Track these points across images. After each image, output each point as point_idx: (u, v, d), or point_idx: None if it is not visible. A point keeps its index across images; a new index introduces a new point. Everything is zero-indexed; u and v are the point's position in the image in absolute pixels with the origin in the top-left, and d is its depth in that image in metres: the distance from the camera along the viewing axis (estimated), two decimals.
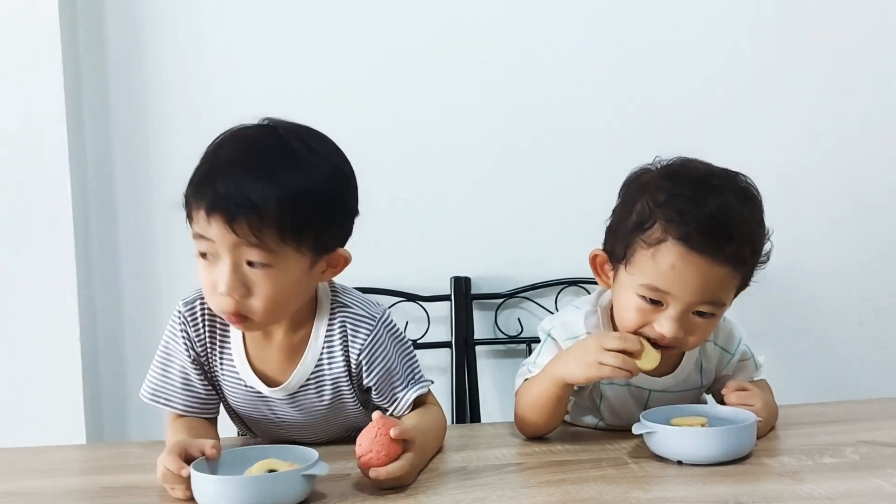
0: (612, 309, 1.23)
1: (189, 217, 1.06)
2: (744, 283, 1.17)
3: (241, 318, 1.05)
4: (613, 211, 1.21)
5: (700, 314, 1.12)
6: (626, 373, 1.08)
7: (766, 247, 1.18)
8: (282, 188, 1.01)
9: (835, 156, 1.81)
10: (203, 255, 1.05)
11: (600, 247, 1.22)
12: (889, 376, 1.82)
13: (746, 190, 1.16)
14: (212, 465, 0.97)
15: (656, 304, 1.12)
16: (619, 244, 1.16)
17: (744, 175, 1.17)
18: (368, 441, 0.97)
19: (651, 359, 1.09)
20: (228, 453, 1.01)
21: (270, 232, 1.01)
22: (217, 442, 1.00)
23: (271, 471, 0.94)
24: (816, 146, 1.81)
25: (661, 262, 1.10)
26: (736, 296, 1.19)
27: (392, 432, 0.96)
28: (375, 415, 1.00)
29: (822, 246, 1.82)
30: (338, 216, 1.10)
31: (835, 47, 1.80)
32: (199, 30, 1.74)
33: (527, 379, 1.21)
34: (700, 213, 1.09)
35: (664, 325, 1.11)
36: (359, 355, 1.14)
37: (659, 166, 1.18)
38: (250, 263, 1.03)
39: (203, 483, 0.92)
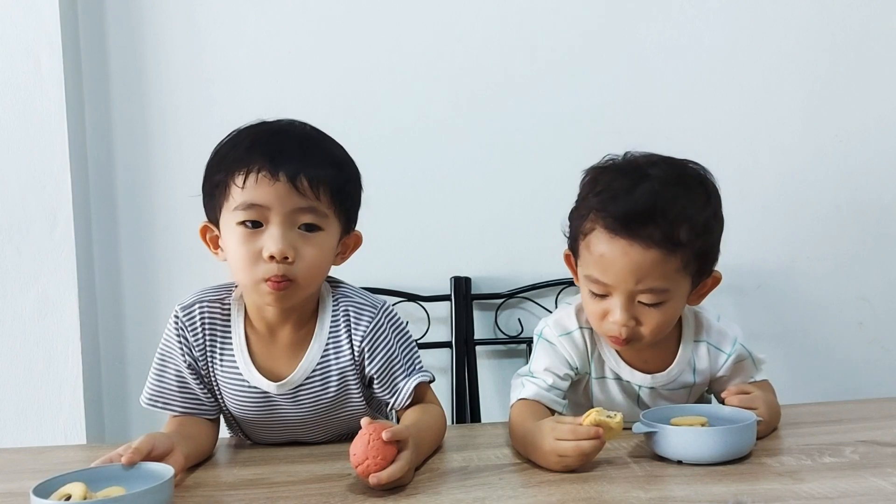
0: None
1: (226, 193, 1.08)
2: (698, 269, 1.14)
3: (286, 282, 1.06)
4: None
5: (646, 304, 1.12)
6: (591, 456, 1.02)
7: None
8: (331, 154, 1.11)
9: (834, 156, 1.81)
10: (248, 223, 1.06)
11: None
12: (889, 376, 1.82)
13: (687, 175, 1.14)
14: (127, 474, 0.94)
15: (603, 297, 1.14)
16: (571, 240, 1.20)
17: (695, 164, 1.16)
18: (362, 449, 0.96)
19: (615, 425, 1.03)
20: (141, 466, 0.96)
21: (325, 192, 1.07)
22: (136, 450, 0.95)
23: (67, 498, 0.88)
24: (816, 146, 1.81)
25: (594, 251, 1.13)
26: (700, 286, 1.17)
27: (384, 436, 0.96)
28: (364, 421, 0.99)
29: (822, 246, 1.82)
30: (359, 195, 1.17)
31: (835, 46, 1.80)
32: (200, 29, 1.75)
33: (520, 399, 1.20)
34: (625, 199, 1.09)
35: (614, 315, 1.13)
36: (361, 341, 1.15)
37: (602, 163, 1.19)
38: (301, 227, 1.07)
39: None
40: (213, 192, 1.10)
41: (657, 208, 1.08)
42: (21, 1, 1.64)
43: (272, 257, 1.05)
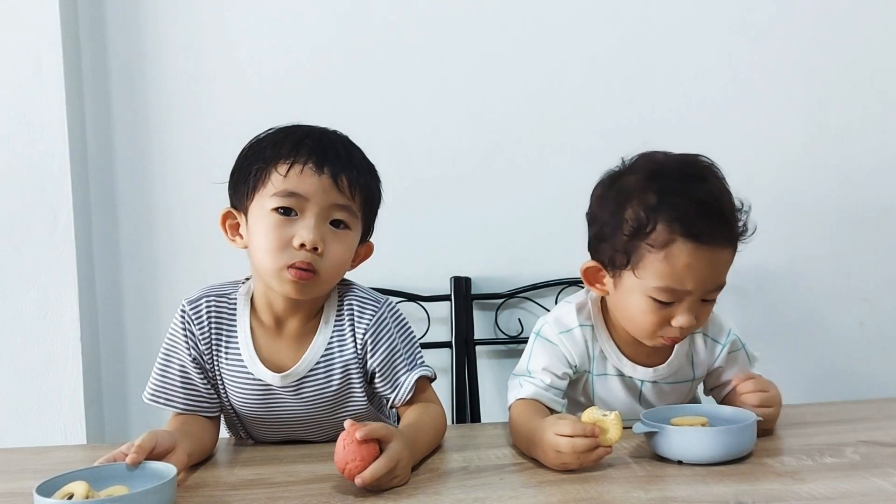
0: (602, 301, 1.25)
1: (264, 180, 1.10)
2: None
3: (310, 273, 1.09)
4: (594, 220, 1.20)
5: (707, 301, 1.15)
6: (594, 459, 1.03)
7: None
8: (368, 163, 1.18)
9: (834, 156, 1.81)
10: (282, 210, 1.09)
11: (589, 258, 1.21)
12: (889, 376, 1.82)
13: (714, 168, 1.17)
14: (132, 473, 0.94)
15: (668, 304, 1.13)
16: (618, 253, 1.14)
17: (698, 154, 1.18)
18: (341, 454, 0.97)
19: (614, 429, 1.03)
20: (145, 465, 0.96)
21: (359, 195, 1.12)
22: (139, 448, 0.95)
23: (70, 496, 0.87)
24: (816, 146, 1.81)
25: (676, 262, 1.10)
26: None
27: (357, 435, 0.96)
28: (347, 423, 0.99)
29: (822, 246, 1.82)
30: (378, 208, 1.22)
31: (835, 47, 1.80)
32: (200, 29, 1.75)
33: (519, 398, 1.20)
34: (695, 205, 1.10)
35: (682, 320, 1.13)
36: (364, 334, 1.16)
37: (626, 169, 1.18)
38: (332, 223, 1.11)
39: None
40: (248, 179, 1.12)
41: (724, 208, 1.12)
42: (21, 1, 1.64)
43: (303, 245, 1.07)
